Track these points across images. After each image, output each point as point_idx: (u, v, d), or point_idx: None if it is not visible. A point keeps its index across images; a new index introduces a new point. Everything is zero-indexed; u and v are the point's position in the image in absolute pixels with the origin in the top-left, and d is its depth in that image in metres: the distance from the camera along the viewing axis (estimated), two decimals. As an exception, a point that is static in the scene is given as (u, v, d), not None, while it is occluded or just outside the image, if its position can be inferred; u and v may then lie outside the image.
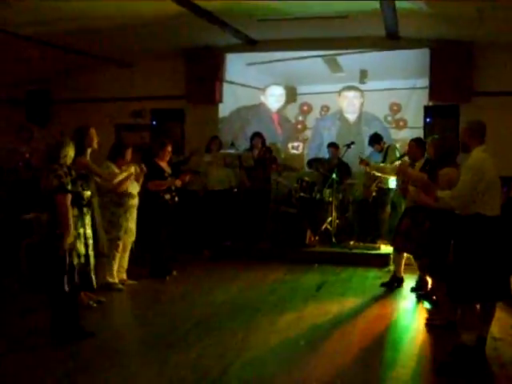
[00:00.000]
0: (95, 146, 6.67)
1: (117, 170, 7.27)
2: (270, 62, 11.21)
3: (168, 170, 8.21)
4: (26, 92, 11.54)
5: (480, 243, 4.84)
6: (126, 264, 7.71)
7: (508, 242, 5.21)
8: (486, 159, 4.95)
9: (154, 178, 7.94)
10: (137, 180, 7.53)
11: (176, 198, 8.11)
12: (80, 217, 5.54)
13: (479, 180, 4.82)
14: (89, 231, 5.64)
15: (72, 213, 5.36)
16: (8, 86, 10.65)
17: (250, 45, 10.81)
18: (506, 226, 5.30)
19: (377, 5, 7.78)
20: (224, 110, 11.57)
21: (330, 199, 9.67)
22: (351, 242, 9.50)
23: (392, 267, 8.01)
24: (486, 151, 5.03)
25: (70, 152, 5.50)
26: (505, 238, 5.13)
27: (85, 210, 5.61)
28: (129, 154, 7.49)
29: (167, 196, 8.00)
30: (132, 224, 7.53)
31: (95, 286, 5.74)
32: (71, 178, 5.36)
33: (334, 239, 9.56)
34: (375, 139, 9.79)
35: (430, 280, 6.85)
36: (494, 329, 5.86)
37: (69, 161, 5.48)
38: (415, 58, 10.43)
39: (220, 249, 9.67)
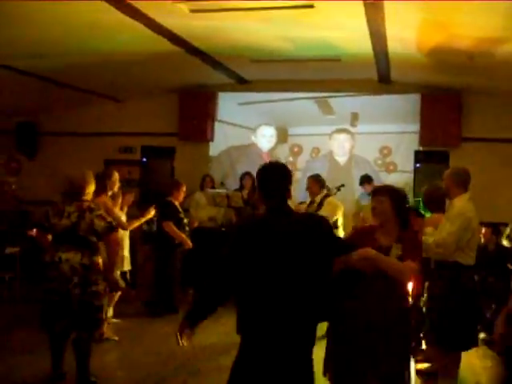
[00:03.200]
0: (116, 189, 6.77)
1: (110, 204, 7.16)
2: (262, 102, 11.26)
3: (181, 210, 8.40)
4: (17, 123, 11.50)
5: (456, 292, 4.83)
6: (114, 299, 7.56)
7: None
8: (471, 208, 4.95)
9: (170, 217, 8.14)
10: (121, 208, 7.46)
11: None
12: None
13: (466, 229, 4.82)
14: None
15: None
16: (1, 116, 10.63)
17: (242, 84, 10.88)
18: (496, 271, 5.30)
19: (369, 49, 7.85)
20: (214, 148, 11.56)
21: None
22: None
23: None
24: (471, 200, 5.03)
25: (92, 189, 5.42)
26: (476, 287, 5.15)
27: None
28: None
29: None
30: (126, 252, 7.47)
31: None
32: None
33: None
34: (366, 180, 9.82)
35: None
36: (483, 378, 5.82)
37: (90, 198, 5.39)
38: (406, 103, 10.51)
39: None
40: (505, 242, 6.49)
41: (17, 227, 9.32)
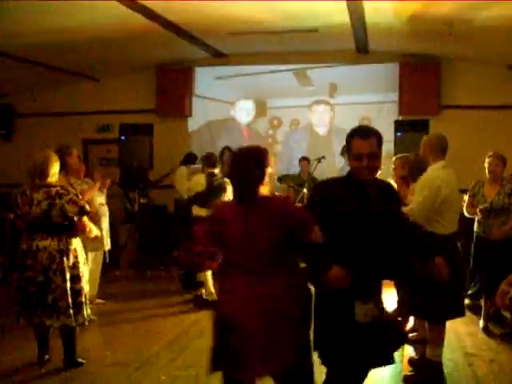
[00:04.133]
0: (75, 166, 6.60)
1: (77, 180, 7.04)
2: (240, 75, 11.17)
3: None
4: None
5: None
6: (97, 279, 7.50)
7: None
8: (442, 176, 4.89)
9: None
10: (100, 189, 7.36)
11: None
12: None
13: (434, 197, 4.77)
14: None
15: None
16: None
17: (220, 58, 10.78)
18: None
19: (347, 19, 7.78)
20: (193, 124, 11.49)
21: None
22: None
23: None
24: (446, 167, 4.98)
25: (56, 169, 5.22)
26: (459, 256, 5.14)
27: None
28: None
29: None
30: (106, 234, 7.39)
31: None
32: None
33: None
34: (348, 149, 9.80)
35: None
36: (467, 344, 5.87)
37: (55, 179, 5.26)
38: (385, 72, 10.48)
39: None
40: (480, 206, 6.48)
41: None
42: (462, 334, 6.15)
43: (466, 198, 6.61)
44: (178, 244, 8.35)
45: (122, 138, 11.15)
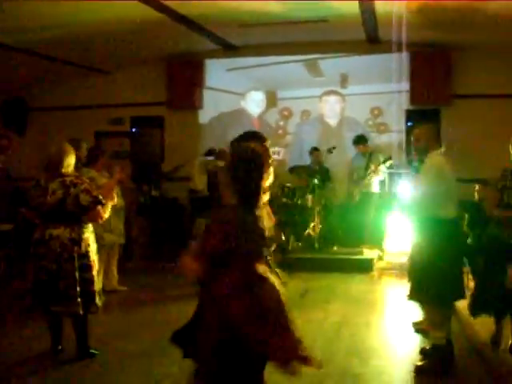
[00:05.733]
0: (83, 160, 6.69)
1: (96, 174, 7.15)
2: (250, 67, 11.17)
3: None
4: (3, 101, 11.39)
5: (436, 245, 4.83)
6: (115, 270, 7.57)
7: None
8: (444, 162, 4.94)
9: None
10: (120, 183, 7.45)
11: None
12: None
13: (438, 183, 4.82)
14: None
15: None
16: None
17: (230, 50, 10.77)
18: None
19: (357, 9, 7.76)
20: (204, 116, 11.51)
21: (313, 205, 9.62)
22: (334, 248, 9.44)
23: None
24: (443, 155, 5.04)
25: (71, 161, 5.29)
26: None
27: None
28: (101, 164, 7.39)
29: None
30: (121, 226, 7.48)
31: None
32: None
33: (316, 245, 9.50)
34: (360, 140, 9.79)
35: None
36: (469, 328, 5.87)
37: (71, 170, 5.31)
38: (396, 62, 10.42)
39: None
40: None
41: (10, 204, 9.26)
42: (467, 318, 6.16)
43: (476, 187, 6.54)
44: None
45: (133, 130, 11.22)
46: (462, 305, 5.60)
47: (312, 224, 9.60)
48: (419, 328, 5.80)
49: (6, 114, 11.50)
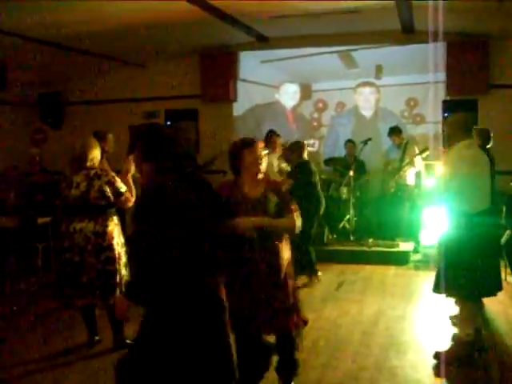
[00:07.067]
0: (111, 151, 6.72)
1: None
2: (284, 59, 11.12)
3: None
4: (39, 95, 11.55)
5: (460, 239, 4.75)
6: None
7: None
8: (469, 154, 4.82)
9: None
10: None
11: None
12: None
13: (462, 175, 4.71)
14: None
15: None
16: (21, 88, 10.63)
17: (263, 42, 10.74)
18: None
19: (391, -2, 7.67)
20: (238, 108, 11.52)
21: (348, 197, 9.56)
22: (370, 240, 9.38)
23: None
24: (472, 146, 4.91)
25: (96, 155, 5.36)
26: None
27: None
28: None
29: None
30: None
31: None
32: None
33: (352, 237, 9.45)
34: (395, 131, 9.67)
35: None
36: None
37: (96, 163, 5.37)
38: (432, 52, 10.27)
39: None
40: None
41: (47, 198, 9.40)
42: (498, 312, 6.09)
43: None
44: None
45: (168, 123, 11.29)
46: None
47: (347, 216, 9.54)
48: (456, 321, 5.74)
49: (42, 108, 11.68)
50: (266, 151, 4.15)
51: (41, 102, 11.67)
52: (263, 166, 4.06)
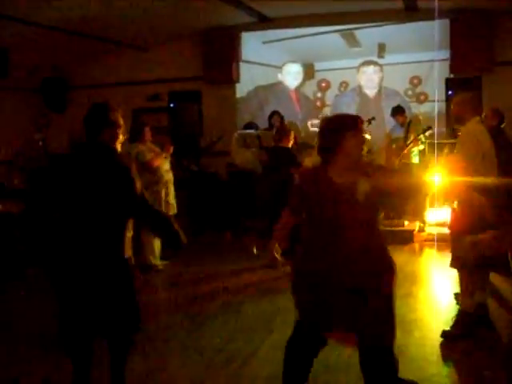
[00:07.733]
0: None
1: (144, 148, 7.33)
2: (286, 38, 11.07)
3: None
4: (42, 79, 11.53)
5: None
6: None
7: None
8: (481, 131, 4.83)
9: None
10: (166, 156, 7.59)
11: None
12: None
13: (476, 152, 4.71)
14: None
15: None
16: (24, 73, 10.61)
17: (265, 22, 10.68)
18: None
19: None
20: (241, 89, 11.48)
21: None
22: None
23: None
24: (480, 122, 4.93)
25: None
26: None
27: None
28: (148, 133, 7.52)
29: None
30: (172, 199, 7.61)
31: None
32: None
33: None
34: (398, 110, 9.64)
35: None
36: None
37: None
38: (435, 30, 10.20)
39: (243, 229, 9.60)
40: None
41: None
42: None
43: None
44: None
45: (172, 105, 11.27)
46: None
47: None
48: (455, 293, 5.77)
49: (46, 93, 11.65)
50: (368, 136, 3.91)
51: (44, 86, 11.64)
52: (364, 151, 3.64)
